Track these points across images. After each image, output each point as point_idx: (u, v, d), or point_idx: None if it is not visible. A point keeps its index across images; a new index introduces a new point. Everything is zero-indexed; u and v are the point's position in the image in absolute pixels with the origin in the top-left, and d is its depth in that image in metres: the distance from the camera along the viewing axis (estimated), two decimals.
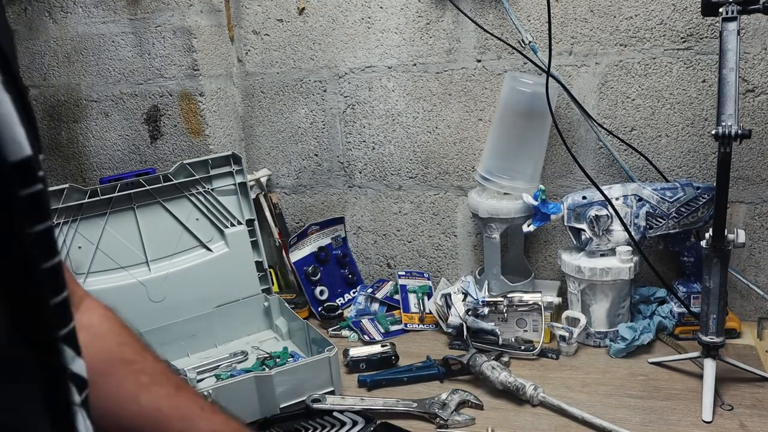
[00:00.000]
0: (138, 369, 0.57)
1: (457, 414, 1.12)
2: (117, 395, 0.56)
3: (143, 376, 0.57)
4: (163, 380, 0.58)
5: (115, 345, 0.57)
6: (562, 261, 1.36)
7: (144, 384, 0.57)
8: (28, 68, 1.70)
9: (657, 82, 1.37)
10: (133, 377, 0.56)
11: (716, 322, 1.12)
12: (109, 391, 0.55)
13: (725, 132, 1.04)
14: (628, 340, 1.27)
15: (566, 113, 1.44)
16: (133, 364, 0.57)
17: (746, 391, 1.14)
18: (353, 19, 1.55)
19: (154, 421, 0.56)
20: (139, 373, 0.57)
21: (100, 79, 1.65)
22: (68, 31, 1.64)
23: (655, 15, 1.34)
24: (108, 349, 0.57)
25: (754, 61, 1.30)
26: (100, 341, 0.57)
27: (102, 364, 0.56)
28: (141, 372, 0.57)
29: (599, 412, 1.08)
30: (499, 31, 1.43)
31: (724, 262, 1.10)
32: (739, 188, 1.37)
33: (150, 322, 1.37)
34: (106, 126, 1.68)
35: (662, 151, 1.41)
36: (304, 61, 1.62)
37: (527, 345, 1.33)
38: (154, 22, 1.56)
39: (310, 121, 1.66)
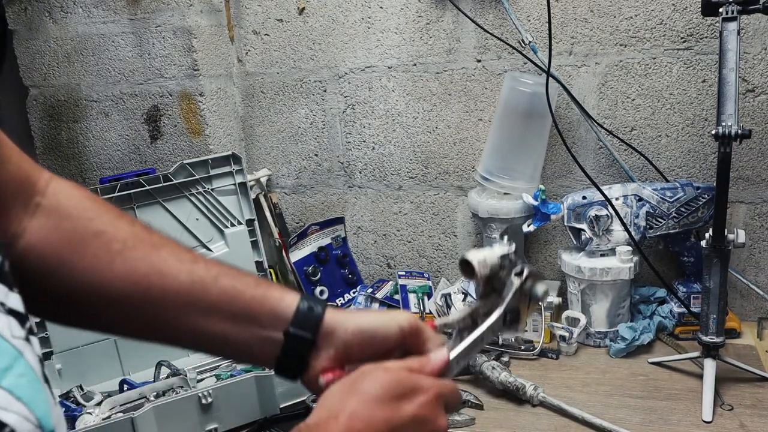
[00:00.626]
0: (109, 238, 0.57)
1: (457, 414, 1.12)
2: (92, 267, 0.56)
3: (115, 244, 0.57)
4: (137, 243, 0.58)
5: (84, 221, 0.58)
6: (562, 261, 1.36)
7: (117, 251, 0.57)
8: (28, 68, 1.70)
9: (657, 82, 1.37)
10: (105, 247, 0.57)
11: (716, 322, 1.12)
12: (85, 265, 0.56)
13: (725, 132, 1.04)
14: (628, 340, 1.27)
15: (566, 113, 1.44)
16: (103, 235, 0.57)
17: (746, 391, 1.14)
18: (353, 19, 1.55)
19: (133, 283, 0.56)
20: (111, 242, 0.57)
21: (100, 79, 1.65)
22: (68, 31, 1.64)
23: (655, 15, 1.34)
24: (77, 228, 0.57)
25: (754, 61, 1.30)
26: (68, 221, 0.57)
27: (73, 242, 0.56)
28: (113, 240, 0.57)
29: (599, 412, 1.08)
30: (499, 31, 1.43)
31: (724, 262, 1.10)
32: (739, 188, 1.37)
33: None
34: (106, 126, 1.68)
35: (662, 151, 1.41)
36: (304, 61, 1.62)
37: (527, 345, 1.33)
38: (154, 22, 1.56)
39: (310, 121, 1.66)
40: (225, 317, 0.58)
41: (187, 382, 1.26)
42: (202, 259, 0.60)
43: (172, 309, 0.58)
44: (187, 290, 0.58)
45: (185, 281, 0.57)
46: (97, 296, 0.57)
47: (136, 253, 0.57)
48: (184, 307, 0.58)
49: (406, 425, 0.52)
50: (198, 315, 0.58)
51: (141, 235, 0.59)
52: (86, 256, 0.56)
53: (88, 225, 0.58)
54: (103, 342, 1.36)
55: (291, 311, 0.59)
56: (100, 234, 0.57)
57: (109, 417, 1.16)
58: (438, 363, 0.58)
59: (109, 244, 0.57)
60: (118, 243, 0.57)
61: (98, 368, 1.35)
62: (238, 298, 0.59)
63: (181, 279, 0.57)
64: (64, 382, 1.31)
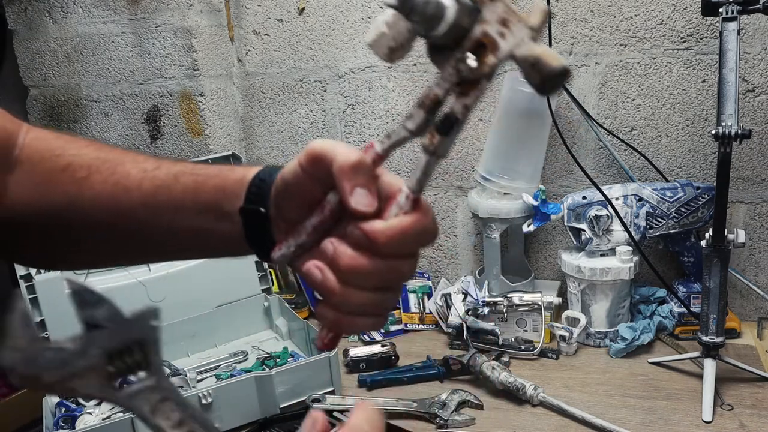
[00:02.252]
0: (74, 169, 0.58)
1: (457, 414, 1.12)
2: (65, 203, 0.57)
3: (80, 172, 0.58)
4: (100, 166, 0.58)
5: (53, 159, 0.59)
6: (562, 261, 1.36)
7: (83, 178, 0.58)
8: (28, 68, 1.70)
9: (657, 82, 1.37)
10: (72, 179, 0.58)
11: (716, 322, 1.12)
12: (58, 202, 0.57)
13: (725, 132, 1.04)
14: (628, 340, 1.27)
15: (566, 113, 1.44)
16: (69, 167, 0.58)
17: (746, 391, 1.14)
18: (353, 19, 1.55)
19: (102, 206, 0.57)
20: (76, 171, 0.58)
21: (100, 79, 1.65)
22: (68, 31, 1.64)
23: (655, 15, 1.34)
24: (46, 168, 0.59)
25: (754, 61, 1.30)
26: (40, 165, 0.59)
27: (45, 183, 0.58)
28: (78, 169, 0.58)
29: (599, 412, 1.08)
30: None
31: (724, 262, 1.10)
32: (739, 188, 1.37)
33: None
34: (106, 126, 1.68)
35: (662, 151, 1.41)
36: (304, 61, 1.62)
37: (527, 345, 1.33)
38: (154, 22, 1.56)
39: (310, 121, 1.66)
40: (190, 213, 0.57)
41: (187, 382, 1.26)
42: (166, 163, 0.59)
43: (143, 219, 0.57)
44: (152, 197, 0.57)
45: (148, 188, 0.57)
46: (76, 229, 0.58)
47: (100, 176, 0.58)
48: (152, 215, 0.57)
49: None
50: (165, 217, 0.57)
51: (106, 156, 0.59)
52: (58, 193, 0.57)
53: (57, 161, 0.59)
54: None
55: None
56: (66, 167, 0.58)
57: (109, 417, 1.16)
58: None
59: (75, 174, 0.58)
60: (83, 170, 0.58)
61: None
62: (200, 190, 0.57)
63: (144, 188, 0.57)
64: None
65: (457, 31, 0.39)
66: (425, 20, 0.38)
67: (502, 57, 0.38)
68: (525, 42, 0.38)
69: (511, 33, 0.38)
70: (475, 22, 0.39)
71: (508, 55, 0.38)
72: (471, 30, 0.39)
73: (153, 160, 0.59)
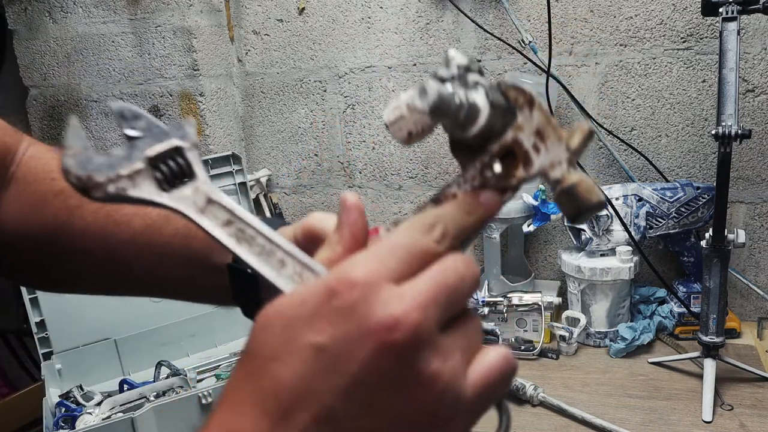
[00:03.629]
0: (67, 195, 0.57)
1: None
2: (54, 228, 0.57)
3: (73, 200, 0.57)
4: None
5: (47, 182, 0.58)
6: (562, 261, 1.36)
7: (75, 207, 0.57)
8: (28, 68, 1.70)
9: (657, 82, 1.37)
10: (64, 205, 0.57)
11: (716, 322, 1.12)
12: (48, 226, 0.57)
13: (725, 132, 1.04)
14: (628, 340, 1.27)
15: (566, 113, 1.44)
16: (62, 193, 0.57)
17: (746, 391, 1.14)
18: (353, 19, 1.55)
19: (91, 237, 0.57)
20: (69, 198, 0.57)
21: (100, 79, 1.65)
22: (68, 31, 1.64)
23: (655, 15, 1.34)
24: (39, 190, 0.58)
25: (754, 61, 1.30)
26: (33, 185, 0.58)
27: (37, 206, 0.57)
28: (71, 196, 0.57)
29: (599, 412, 1.08)
30: (499, 31, 1.43)
31: (724, 262, 1.10)
32: (739, 188, 1.37)
33: (150, 322, 1.37)
34: (106, 126, 1.68)
35: (662, 151, 1.41)
36: (304, 61, 1.62)
37: (527, 345, 1.33)
38: (154, 22, 1.56)
39: (310, 121, 1.66)
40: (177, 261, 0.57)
41: (187, 382, 1.26)
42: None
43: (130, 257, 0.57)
44: (140, 235, 0.57)
45: (138, 227, 0.57)
46: (63, 255, 0.58)
47: (92, 206, 0.57)
48: (139, 254, 0.57)
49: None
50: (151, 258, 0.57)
51: None
52: (48, 217, 0.57)
53: (51, 185, 0.58)
54: (103, 342, 1.36)
55: None
56: (60, 192, 0.57)
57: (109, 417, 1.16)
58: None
59: (67, 200, 0.57)
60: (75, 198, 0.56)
61: (98, 368, 1.35)
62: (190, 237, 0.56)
63: (134, 225, 0.57)
64: (64, 382, 1.31)
65: (487, 132, 0.36)
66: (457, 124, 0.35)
67: (533, 174, 0.35)
68: (562, 164, 0.34)
69: (547, 150, 0.35)
70: (509, 126, 0.36)
71: (540, 173, 0.35)
72: (503, 134, 0.36)
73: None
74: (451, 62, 0.34)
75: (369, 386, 0.30)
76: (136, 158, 0.36)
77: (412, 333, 0.29)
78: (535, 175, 0.35)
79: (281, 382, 0.30)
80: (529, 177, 0.35)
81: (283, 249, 0.36)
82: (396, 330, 0.29)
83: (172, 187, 0.37)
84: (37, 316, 1.31)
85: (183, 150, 0.37)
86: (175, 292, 0.61)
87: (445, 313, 0.31)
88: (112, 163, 0.36)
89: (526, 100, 0.35)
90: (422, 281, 0.31)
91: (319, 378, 0.29)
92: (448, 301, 0.32)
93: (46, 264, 0.59)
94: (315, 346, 0.30)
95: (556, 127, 0.35)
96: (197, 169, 0.37)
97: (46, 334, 1.30)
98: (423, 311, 0.30)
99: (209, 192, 0.37)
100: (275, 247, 0.36)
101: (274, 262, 0.36)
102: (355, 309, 0.30)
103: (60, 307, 1.31)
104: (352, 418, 0.30)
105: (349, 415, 0.30)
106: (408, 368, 0.30)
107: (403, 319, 0.29)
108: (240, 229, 0.37)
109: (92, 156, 0.36)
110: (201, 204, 0.37)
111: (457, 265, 0.33)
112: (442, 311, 0.31)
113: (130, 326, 1.37)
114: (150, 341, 1.38)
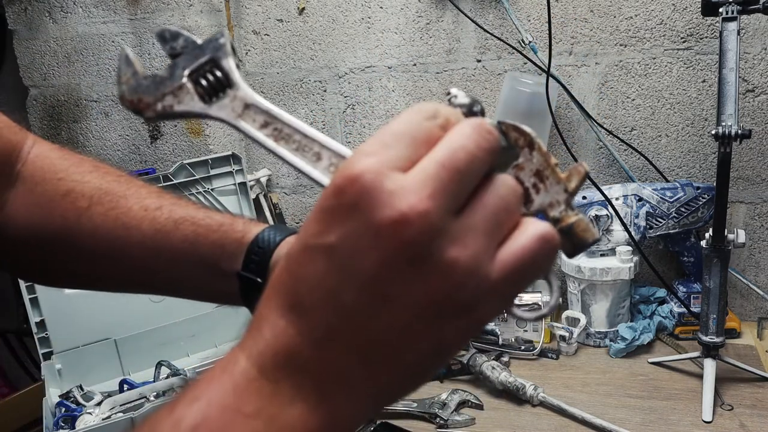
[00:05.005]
0: (76, 196, 0.57)
1: (457, 414, 1.12)
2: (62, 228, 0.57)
3: (82, 201, 0.57)
4: (102, 197, 0.58)
5: (54, 182, 0.58)
6: (562, 261, 1.36)
7: (83, 209, 0.57)
8: (28, 68, 1.70)
9: (657, 82, 1.37)
10: (72, 207, 0.57)
11: (716, 322, 1.12)
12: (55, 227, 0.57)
13: (725, 132, 1.04)
14: (628, 340, 1.27)
15: (566, 113, 1.44)
16: (71, 194, 0.58)
17: (746, 391, 1.14)
18: (353, 19, 1.55)
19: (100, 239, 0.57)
20: (78, 200, 0.57)
21: (100, 79, 1.65)
22: (68, 31, 1.64)
23: (655, 15, 1.34)
24: (47, 190, 0.58)
25: (754, 61, 1.30)
26: (40, 185, 0.58)
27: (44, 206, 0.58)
28: (79, 198, 0.57)
29: (599, 412, 1.08)
30: (499, 31, 1.43)
31: (724, 262, 1.10)
32: (739, 188, 1.37)
33: (150, 322, 1.37)
34: (106, 126, 1.68)
35: (662, 151, 1.41)
36: (304, 61, 1.62)
37: (527, 345, 1.33)
38: (154, 22, 1.56)
39: (310, 121, 1.66)
40: (188, 264, 0.57)
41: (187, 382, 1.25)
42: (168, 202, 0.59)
43: (138, 260, 0.58)
44: (150, 239, 0.57)
45: (148, 231, 0.57)
46: (70, 255, 0.58)
47: (101, 208, 0.57)
48: (147, 258, 0.57)
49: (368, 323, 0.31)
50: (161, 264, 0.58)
51: (108, 187, 0.59)
52: (55, 217, 0.57)
53: (58, 185, 0.58)
54: (103, 342, 1.36)
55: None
56: (68, 193, 0.58)
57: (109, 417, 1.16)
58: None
59: (75, 202, 0.57)
60: (84, 200, 0.57)
61: (98, 368, 1.35)
62: (199, 243, 0.57)
63: (143, 229, 0.57)
64: (63, 382, 1.31)
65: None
66: None
67: (532, 212, 0.37)
68: (560, 204, 0.36)
69: (546, 190, 0.36)
70: (509, 165, 0.37)
71: (539, 211, 0.37)
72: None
73: (155, 197, 0.59)
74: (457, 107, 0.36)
75: (384, 281, 0.29)
76: (178, 76, 0.40)
77: (420, 225, 0.28)
78: (535, 213, 0.37)
79: (300, 282, 0.31)
80: (527, 214, 0.36)
81: (319, 142, 0.38)
82: (403, 224, 0.28)
83: (213, 97, 0.40)
84: (37, 316, 1.31)
85: (219, 61, 0.40)
86: (185, 294, 0.62)
87: (457, 197, 0.30)
88: (157, 82, 0.40)
89: (527, 142, 0.37)
90: (427, 165, 0.30)
91: (333, 277, 0.30)
92: (460, 181, 0.30)
93: (53, 263, 0.59)
94: (326, 246, 0.30)
95: (555, 169, 0.36)
96: (234, 77, 0.40)
97: (46, 334, 1.30)
98: (431, 200, 0.29)
99: (246, 97, 0.40)
100: (311, 141, 0.38)
101: (309, 156, 0.38)
102: (359, 206, 0.29)
103: (60, 307, 1.31)
104: (369, 314, 0.30)
105: (366, 311, 0.30)
106: (421, 260, 0.29)
107: (409, 212, 0.28)
108: (277, 129, 0.39)
109: (141, 80, 0.41)
110: (239, 110, 0.39)
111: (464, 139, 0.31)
112: (452, 196, 0.30)
113: (130, 326, 1.37)
114: (150, 341, 1.37)
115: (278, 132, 0.39)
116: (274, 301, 0.32)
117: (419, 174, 0.30)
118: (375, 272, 0.29)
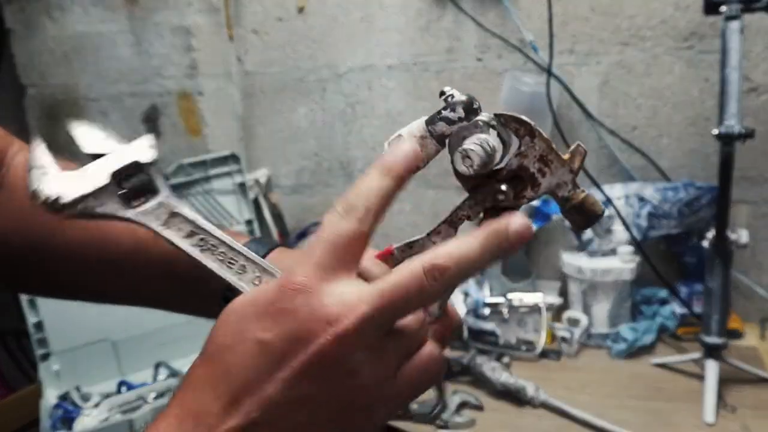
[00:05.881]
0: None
1: (458, 415, 1.11)
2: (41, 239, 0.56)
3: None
4: None
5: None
6: (563, 261, 1.35)
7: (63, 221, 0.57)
8: (26, 67, 1.69)
9: (659, 81, 1.36)
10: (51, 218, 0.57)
11: (718, 322, 1.11)
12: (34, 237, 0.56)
13: (728, 131, 1.03)
14: (630, 341, 1.27)
15: (567, 113, 1.43)
16: None
17: (749, 393, 1.13)
18: (353, 18, 1.54)
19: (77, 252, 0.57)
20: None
21: (99, 79, 1.64)
22: (66, 30, 1.63)
23: (656, 14, 1.33)
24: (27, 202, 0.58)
25: (756, 59, 1.29)
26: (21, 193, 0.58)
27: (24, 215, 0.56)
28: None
29: (601, 414, 1.08)
30: (500, 30, 1.43)
31: (726, 262, 1.09)
32: (742, 188, 1.36)
33: (148, 323, 1.36)
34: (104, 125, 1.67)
35: (664, 150, 1.40)
36: (304, 60, 1.61)
37: (528, 346, 1.32)
38: (153, 21, 1.55)
39: (309, 120, 1.65)
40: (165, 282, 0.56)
41: None
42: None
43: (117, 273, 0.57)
44: (130, 254, 0.56)
45: (128, 244, 0.56)
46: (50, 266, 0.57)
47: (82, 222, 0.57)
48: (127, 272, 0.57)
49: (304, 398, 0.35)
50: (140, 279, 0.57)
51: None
52: (35, 225, 0.56)
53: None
54: (101, 343, 1.35)
55: None
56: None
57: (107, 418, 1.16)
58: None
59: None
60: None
61: (96, 369, 1.34)
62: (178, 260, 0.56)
63: (122, 242, 0.56)
64: (62, 383, 1.30)
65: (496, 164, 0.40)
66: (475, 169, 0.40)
67: (541, 194, 0.40)
68: (567, 185, 0.39)
69: (552, 173, 0.39)
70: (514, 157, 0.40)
71: (547, 192, 0.39)
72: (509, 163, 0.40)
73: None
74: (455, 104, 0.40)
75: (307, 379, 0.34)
76: (101, 176, 0.39)
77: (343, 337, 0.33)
78: (544, 194, 0.40)
79: (231, 371, 0.35)
80: (537, 197, 0.40)
81: (244, 256, 0.39)
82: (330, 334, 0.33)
83: (136, 202, 0.39)
84: (35, 317, 1.30)
85: (143, 165, 0.39)
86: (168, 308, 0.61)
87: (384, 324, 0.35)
88: (78, 182, 0.38)
89: (527, 131, 0.39)
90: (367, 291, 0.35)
91: (263, 370, 0.34)
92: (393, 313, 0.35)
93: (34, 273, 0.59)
94: (261, 341, 0.34)
95: (557, 153, 0.39)
96: (159, 184, 0.40)
97: (43, 335, 1.30)
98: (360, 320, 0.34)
99: (172, 205, 0.39)
100: (237, 254, 0.40)
101: (236, 268, 0.40)
102: (296, 311, 0.34)
103: (58, 309, 1.31)
104: (291, 407, 0.34)
105: (289, 405, 0.34)
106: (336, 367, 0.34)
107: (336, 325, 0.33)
108: (203, 239, 0.40)
109: (59, 176, 0.38)
110: (164, 217, 0.39)
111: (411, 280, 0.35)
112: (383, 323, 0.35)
113: (128, 327, 1.37)
114: (148, 342, 1.37)
115: (204, 242, 0.40)
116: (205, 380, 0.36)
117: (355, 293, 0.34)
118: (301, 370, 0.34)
